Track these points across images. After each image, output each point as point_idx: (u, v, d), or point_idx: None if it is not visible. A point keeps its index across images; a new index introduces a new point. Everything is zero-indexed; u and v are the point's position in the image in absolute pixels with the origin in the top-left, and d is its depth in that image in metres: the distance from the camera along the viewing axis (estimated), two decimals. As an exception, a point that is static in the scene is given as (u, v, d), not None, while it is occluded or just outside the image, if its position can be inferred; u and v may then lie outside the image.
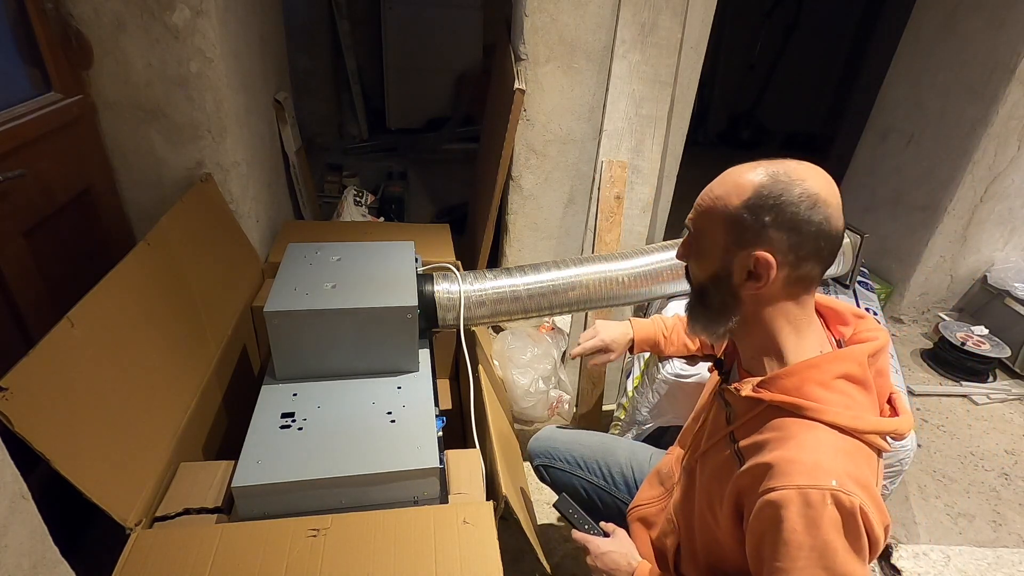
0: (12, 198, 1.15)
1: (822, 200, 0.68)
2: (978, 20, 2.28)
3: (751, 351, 0.78)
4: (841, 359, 0.72)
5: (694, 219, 0.77)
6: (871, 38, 4.30)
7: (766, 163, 0.71)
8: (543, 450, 1.24)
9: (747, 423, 0.75)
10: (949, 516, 1.72)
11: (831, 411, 0.68)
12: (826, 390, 0.69)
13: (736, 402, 0.78)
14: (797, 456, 0.65)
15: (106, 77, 1.38)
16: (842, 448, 0.66)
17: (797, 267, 0.70)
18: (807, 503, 0.63)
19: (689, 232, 0.79)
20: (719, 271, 0.74)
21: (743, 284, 0.72)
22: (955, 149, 2.37)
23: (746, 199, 0.69)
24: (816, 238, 0.68)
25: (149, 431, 1.01)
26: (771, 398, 0.71)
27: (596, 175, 1.74)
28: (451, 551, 0.88)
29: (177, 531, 0.89)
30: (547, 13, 1.59)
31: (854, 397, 0.70)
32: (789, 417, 0.70)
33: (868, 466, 0.68)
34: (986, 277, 2.57)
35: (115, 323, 1.00)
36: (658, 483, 1.01)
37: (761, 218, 0.69)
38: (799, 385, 0.70)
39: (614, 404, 1.85)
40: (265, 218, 1.80)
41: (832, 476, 0.63)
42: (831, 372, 0.71)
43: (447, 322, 1.29)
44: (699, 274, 0.78)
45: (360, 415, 1.08)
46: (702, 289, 0.78)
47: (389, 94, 4.06)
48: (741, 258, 0.71)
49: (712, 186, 0.75)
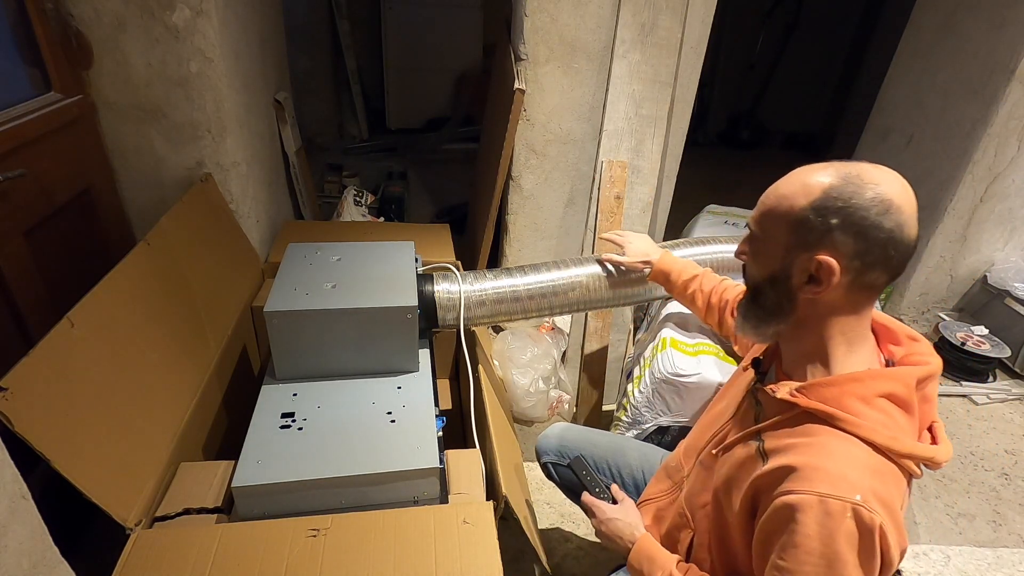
0: (12, 198, 1.15)
1: (895, 206, 0.64)
2: (978, 20, 2.28)
3: (796, 355, 0.77)
4: (887, 377, 0.70)
5: (756, 218, 0.74)
6: (871, 38, 4.30)
7: (838, 164, 0.68)
8: (552, 447, 1.23)
9: (776, 425, 0.74)
10: (949, 516, 1.72)
11: (867, 426, 0.66)
12: (866, 405, 0.68)
13: (768, 403, 0.77)
14: (824, 464, 0.64)
15: (106, 77, 1.38)
16: (872, 465, 0.65)
17: (862, 274, 0.67)
18: (826, 512, 0.62)
19: (750, 230, 0.77)
20: (778, 272, 0.72)
21: (802, 287, 0.70)
22: (955, 149, 2.37)
23: (813, 199, 0.67)
24: (886, 246, 0.65)
25: (149, 431, 1.01)
26: (807, 404, 0.70)
27: (596, 175, 1.74)
28: (451, 551, 0.87)
29: (177, 531, 0.89)
30: (547, 13, 1.59)
31: (894, 418, 0.68)
32: (822, 425, 0.68)
33: (896, 488, 0.66)
34: (986, 277, 2.56)
35: (115, 323, 1.00)
36: (666, 477, 1.01)
37: (828, 220, 0.66)
38: (839, 396, 0.68)
39: (614, 404, 1.85)
40: (265, 218, 1.80)
41: (857, 491, 0.62)
42: (874, 389, 0.68)
43: (447, 322, 1.29)
44: (756, 273, 0.76)
45: (360, 415, 1.08)
46: (757, 289, 0.76)
47: (389, 94, 4.06)
48: (802, 260, 0.69)
49: (778, 184, 0.72)
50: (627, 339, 1.89)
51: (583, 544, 1.53)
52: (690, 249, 1.44)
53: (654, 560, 0.88)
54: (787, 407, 0.73)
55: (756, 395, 0.80)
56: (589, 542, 1.53)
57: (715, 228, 1.90)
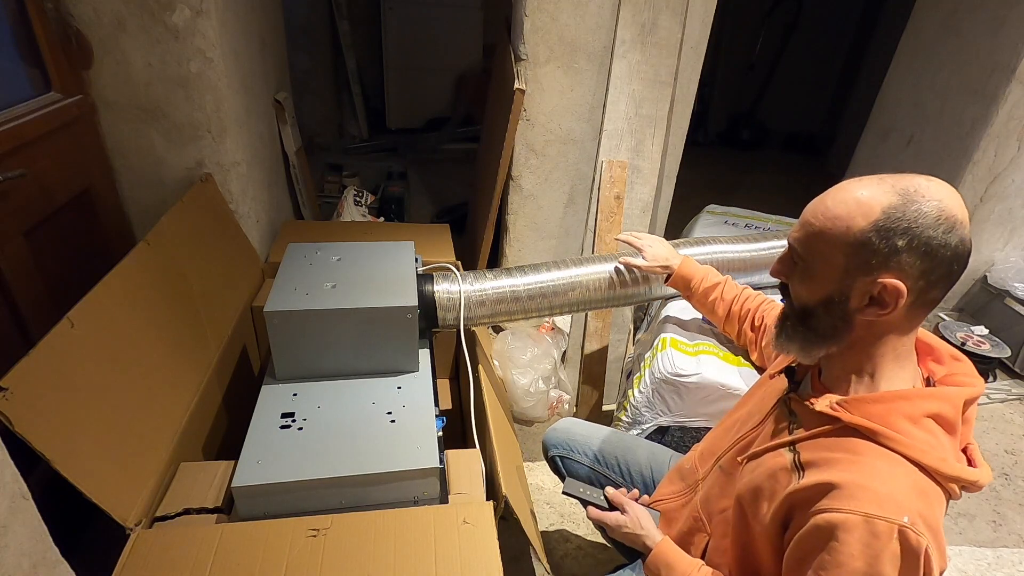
0: (12, 198, 1.15)
1: (959, 221, 0.62)
2: (978, 20, 2.28)
3: (840, 371, 0.74)
4: (935, 397, 0.68)
5: (802, 239, 0.70)
6: (871, 38, 4.30)
7: (889, 178, 0.65)
8: (560, 441, 1.22)
9: (814, 437, 0.72)
10: (949, 516, 1.72)
11: (917, 447, 0.64)
12: (913, 425, 0.66)
13: (805, 415, 0.74)
14: (869, 483, 0.63)
15: (106, 77, 1.38)
16: (919, 486, 0.64)
17: (925, 292, 0.65)
18: (873, 533, 0.61)
19: (792, 250, 0.72)
20: (833, 295, 0.68)
21: (862, 310, 0.67)
22: (955, 149, 2.37)
23: (874, 220, 0.63)
24: (951, 262, 0.63)
25: (149, 431, 1.01)
26: (851, 420, 0.68)
27: (596, 175, 1.74)
28: (451, 551, 0.87)
29: (177, 531, 0.89)
30: (547, 13, 1.59)
31: (939, 439, 0.67)
32: (865, 441, 0.67)
33: (940, 510, 0.65)
34: (986, 277, 2.56)
35: (115, 323, 1.00)
36: (679, 479, 1.00)
37: (893, 242, 0.62)
38: (885, 414, 0.67)
39: (614, 404, 1.85)
40: (265, 218, 1.80)
41: (905, 512, 0.61)
42: (922, 408, 0.67)
43: (447, 322, 1.29)
44: (806, 296, 0.72)
45: (360, 415, 1.08)
46: (807, 312, 0.72)
47: (389, 94, 4.06)
48: (864, 284, 0.66)
49: (826, 204, 0.67)
50: (627, 339, 1.89)
51: (583, 544, 1.53)
52: (690, 249, 1.44)
53: (673, 567, 0.87)
54: (827, 420, 0.71)
55: (789, 405, 0.78)
56: (589, 542, 1.53)
57: (715, 228, 1.90)
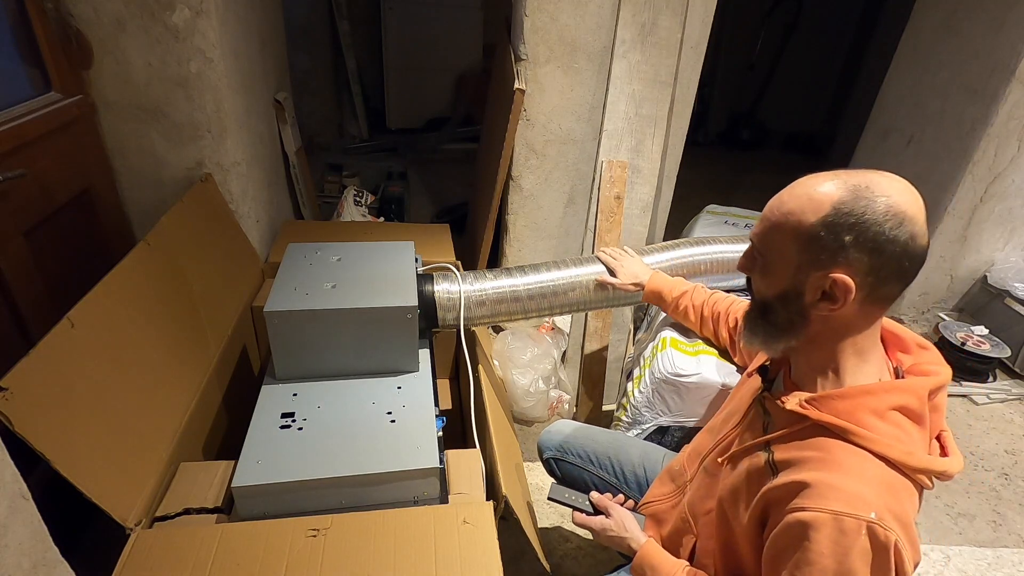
0: (12, 198, 1.15)
1: (909, 216, 0.62)
2: (978, 20, 2.28)
3: (807, 367, 0.75)
4: (900, 390, 0.68)
5: (759, 234, 0.71)
6: (871, 38, 4.30)
7: (844, 174, 0.66)
8: (555, 443, 1.23)
9: (786, 436, 0.72)
10: (949, 516, 1.72)
11: (883, 442, 0.65)
12: (879, 419, 0.66)
13: (777, 413, 0.75)
14: (838, 482, 0.63)
15: (106, 77, 1.38)
16: (887, 481, 0.64)
17: (876, 289, 0.65)
18: (841, 530, 0.61)
19: (753, 245, 0.74)
20: (788, 290, 0.69)
21: (815, 305, 0.68)
22: (955, 149, 2.37)
23: (823, 216, 0.64)
24: (900, 258, 0.63)
25: (149, 431, 1.01)
26: (819, 417, 0.68)
27: (596, 175, 1.74)
28: (451, 551, 0.87)
29: (177, 531, 0.89)
30: (547, 13, 1.59)
31: (907, 431, 0.67)
32: (835, 439, 0.67)
33: (910, 502, 0.65)
34: (986, 277, 2.57)
35: (115, 323, 1.00)
36: (669, 480, 1.00)
37: (840, 238, 0.63)
38: (851, 410, 0.67)
39: (614, 404, 1.85)
40: (265, 218, 1.80)
41: (872, 508, 0.61)
42: (887, 402, 0.67)
43: (447, 322, 1.29)
44: (764, 290, 0.73)
45: (360, 415, 1.08)
46: (766, 306, 0.73)
47: (389, 94, 4.07)
48: (815, 279, 0.66)
49: (782, 199, 0.69)
50: (627, 339, 1.89)
51: (583, 544, 1.53)
52: (690, 249, 1.44)
53: (657, 569, 0.88)
54: (797, 419, 0.71)
55: (764, 404, 0.79)
56: (589, 542, 1.53)
57: (715, 228, 1.90)
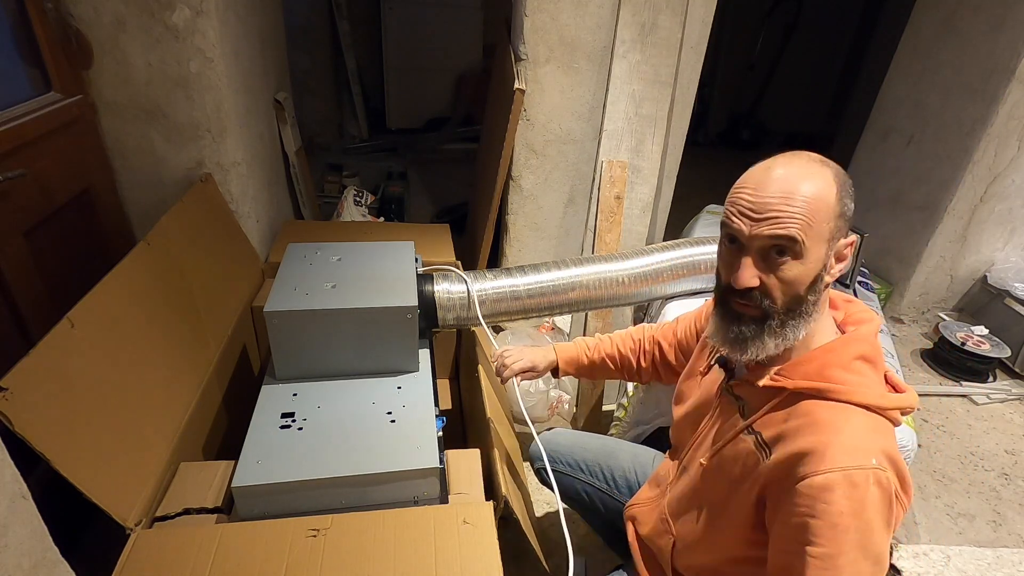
0: (12, 198, 1.15)
1: None
2: (978, 20, 2.28)
3: None
4: (856, 340, 0.73)
5: (794, 227, 0.66)
6: (871, 38, 4.30)
7: (799, 155, 0.71)
8: (544, 453, 1.23)
9: (768, 413, 0.74)
10: (949, 516, 1.72)
11: (858, 392, 0.69)
12: (847, 372, 0.70)
13: (751, 395, 0.77)
14: (834, 439, 0.65)
15: (106, 77, 1.38)
16: (872, 425, 0.68)
17: None
18: (852, 484, 0.63)
19: (776, 246, 0.68)
20: (821, 270, 0.69)
21: (830, 271, 0.71)
22: (955, 149, 2.37)
23: (838, 189, 0.69)
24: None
25: (149, 431, 1.01)
26: (794, 385, 0.71)
27: (596, 175, 1.74)
28: (451, 551, 0.87)
29: (177, 531, 0.89)
30: (547, 13, 1.59)
31: (870, 376, 0.72)
32: (815, 400, 0.70)
33: (892, 439, 0.69)
34: (986, 277, 2.57)
35: (115, 323, 1.00)
36: (656, 485, 1.01)
37: (849, 204, 0.70)
38: (820, 369, 0.70)
39: (614, 404, 1.85)
40: (265, 218, 1.80)
41: (871, 455, 0.64)
42: (849, 354, 0.71)
43: (447, 322, 1.29)
44: (798, 283, 0.69)
45: (360, 415, 1.08)
46: (798, 299, 0.70)
47: (389, 94, 4.07)
48: (840, 247, 0.71)
49: (793, 184, 0.67)
50: (627, 339, 1.88)
51: (583, 545, 1.53)
52: (690, 249, 1.44)
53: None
54: (774, 393, 0.73)
55: (732, 391, 0.80)
56: (589, 542, 1.53)
57: (715, 228, 1.88)
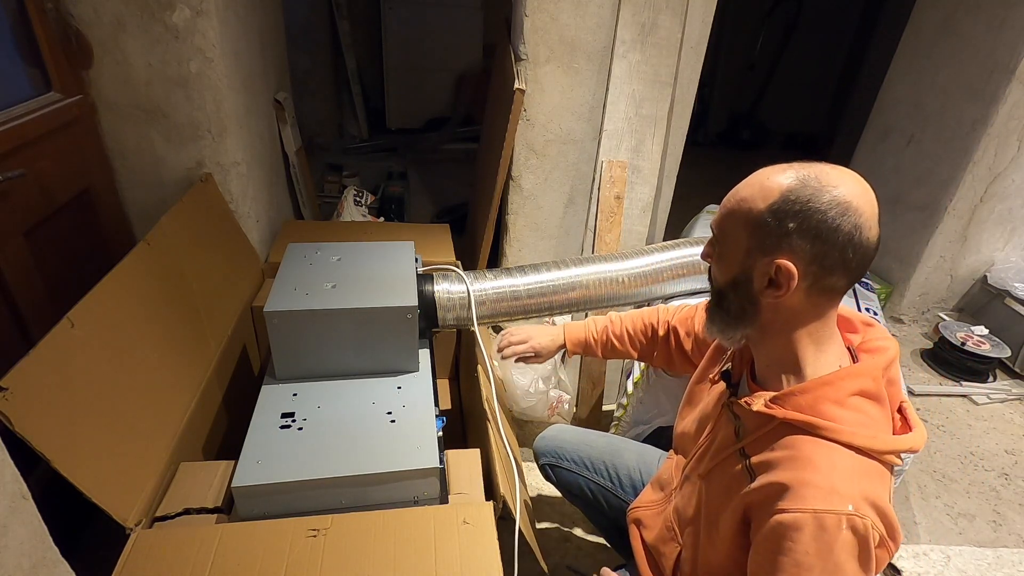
0: (12, 198, 1.15)
1: (854, 208, 0.64)
2: (978, 20, 2.28)
3: (767, 361, 0.76)
4: (856, 375, 0.70)
5: (718, 221, 0.74)
6: (871, 38, 4.30)
7: (798, 166, 0.68)
8: (550, 449, 1.23)
9: (759, 439, 0.73)
10: (949, 516, 1.72)
11: (847, 431, 0.66)
12: (841, 408, 0.68)
13: (746, 416, 0.76)
14: (812, 479, 0.64)
15: (106, 77, 1.38)
16: (858, 469, 0.66)
17: (821, 278, 0.67)
18: (822, 527, 0.62)
19: (713, 233, 0.76)
20: (739, 276, 0.72)
21: (763, 291, 0.70)
22: (955, 149, 2.37)
23: (771, 203, 0.66)
24: (844, 248, 0.65)
25: (149, 431, 1.01)
26: (784, 415, 0.69)
27: (596, 175, 1.74)
28: (451, 551, 0.87)
29: (177, 531, 0.89)
30: (547, 13, 1.59)
31: (869, 414, 0.69)
32: (803, 435, 0.68)
33: (882, 484, 0.67)
34: (986, 277, 2.57)
35: (115, 323, 1.00)
36: (659, 488, 1.01)
37: (785, 224, 0.65)
38: (813, 403, 0.68)
39: (614, 404, 1.85)
40: (265, 218, 1.80)
41: (848, 500, 0.63)
42: (846, 389, 0.69)
43: (447, 322, 1.29)
44: (719, 277, 0.76)
45: (360, 415, 1.08)
46: (721, 293, 0.76)
47: (389, 94, 4.06)
48: (763, 265, 0.68)
49: (739, 187, 0.72)
50: (627, 339, 1.88)
51: (583, 544, 1.53)
52: (690, 249, 1.44)
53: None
54: (766, 419, 0.72)
55: (732, 408, 0.79)
56: (589, 542, 1.53)
57: (715, 228, 1.89)
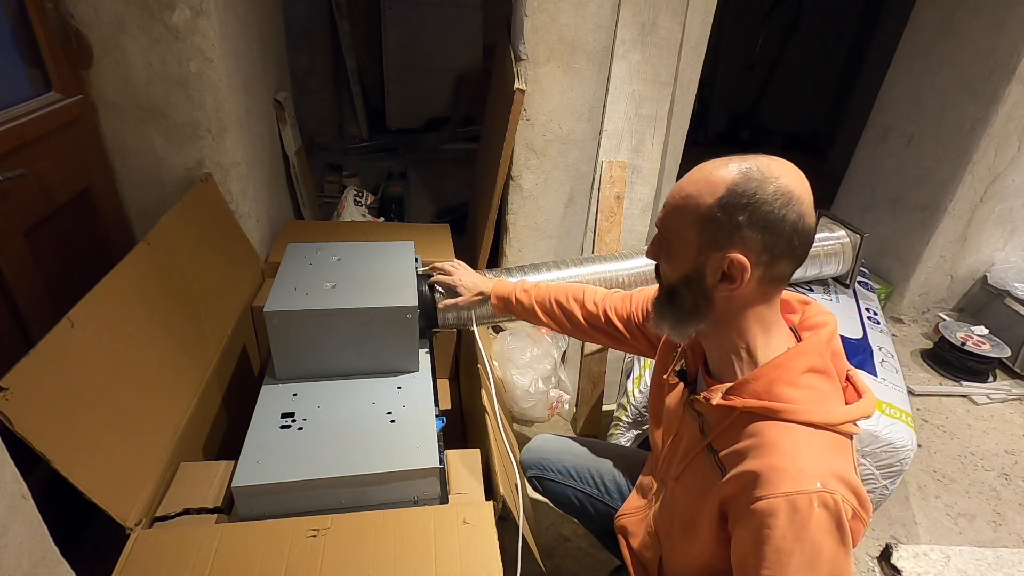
0: (12, 198, 1.15)
1: (796, 197, 0.66)
2: (978, 20, 2.28)
3: (720, 352, 0.77)
4: (803, 353, 0.72)
5: (663, 218, 0.74)
6: (871, 38, 4.30)
7: (737, 159, 0.69)
8: (535, 461, 1.21)
9: (723, 432, 0.74)
10: (949, 516, 1.72)
11: (804, 410, 0.68)
12: (795, 388, 0.69)
13: (708, 412, 0.76)
14: (779, 463, 0.65)
15: (106, 77, 1.38)
16: (820, 445, 0.67)
17: (771, 267, 0.68)
18: (794, 509, 0.63)
19: (659, 230, 0.76)
20: (691, 273, 0.72)
21: (716, 286, 0.71)
22: (955, 149, 2.37)
23: (719, 197, 0.67)
24: (791, 236, 0.67)
25: (149, 431, 1.01)
26: (743, 404, 0.70)
27: (596, 175, 1.74)
28: (451, 551, 0.88)
29: (177, 531, 0.89)
30: (547, 13, 1.59)
31: (821, 389, 0.71)
32: (764, 421, 0.69)
33: (845, 457, 0.68)
34: (986, 277, 2.57)
35: (115, 323, 1.00)
36: (640, 494, 1.00)
37: (735, 218, 0.66)
38: (768, 387, 0.70)
39: (614, 404, 1.85)
40: (265, 218, 1.80)
41: (816, 478, 0.64)
42: (796, 369, 0.70)
43: (447, 322, 1.29)
44: (670, 275, 0.76)
45: (360, 415, 1.08)
46: (672, 290, 0.76)
47: (389, 94, 4.06)
48: (715, 260, 0.69)
49: (682, 184, 0.72)
50: (627, 339, 1.88)
51: (582, 544, 1.53)
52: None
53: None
54: (727, 411, 0.73)
55: (694, 406, 0.80)
56: (589, 542, 1.53)
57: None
